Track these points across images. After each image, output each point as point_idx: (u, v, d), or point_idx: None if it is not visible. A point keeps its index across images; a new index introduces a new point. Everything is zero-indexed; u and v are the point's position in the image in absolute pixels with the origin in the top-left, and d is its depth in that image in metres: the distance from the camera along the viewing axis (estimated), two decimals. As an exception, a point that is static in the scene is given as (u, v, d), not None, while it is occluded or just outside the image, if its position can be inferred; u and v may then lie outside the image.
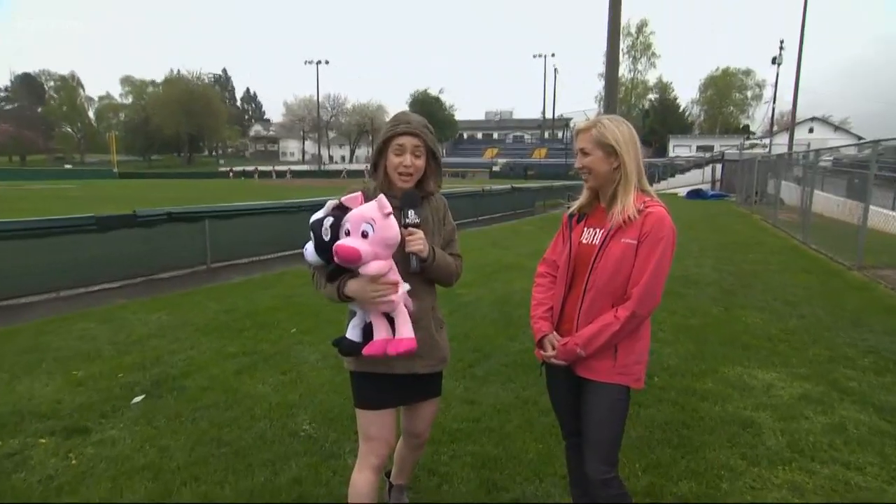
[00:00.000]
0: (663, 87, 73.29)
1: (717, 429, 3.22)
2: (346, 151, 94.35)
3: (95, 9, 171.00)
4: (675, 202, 23.33)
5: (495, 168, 60.88)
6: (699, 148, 56.54)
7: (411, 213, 1.86)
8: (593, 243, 1.94)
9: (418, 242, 1.84)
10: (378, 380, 1.96)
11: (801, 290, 6.84)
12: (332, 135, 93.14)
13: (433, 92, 78.91)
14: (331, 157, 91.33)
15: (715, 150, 47.23)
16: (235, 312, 5.71)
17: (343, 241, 1.73)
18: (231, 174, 57.23)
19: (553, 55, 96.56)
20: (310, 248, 1.84)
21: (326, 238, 1.77)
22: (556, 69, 78.08)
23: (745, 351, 4.57)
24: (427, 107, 66.90)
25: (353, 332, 1.91)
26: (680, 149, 58.21)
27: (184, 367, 4.16)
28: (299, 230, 9.86)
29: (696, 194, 28.30)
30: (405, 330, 1.85)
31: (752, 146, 40.39)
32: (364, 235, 1.72)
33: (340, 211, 1.82)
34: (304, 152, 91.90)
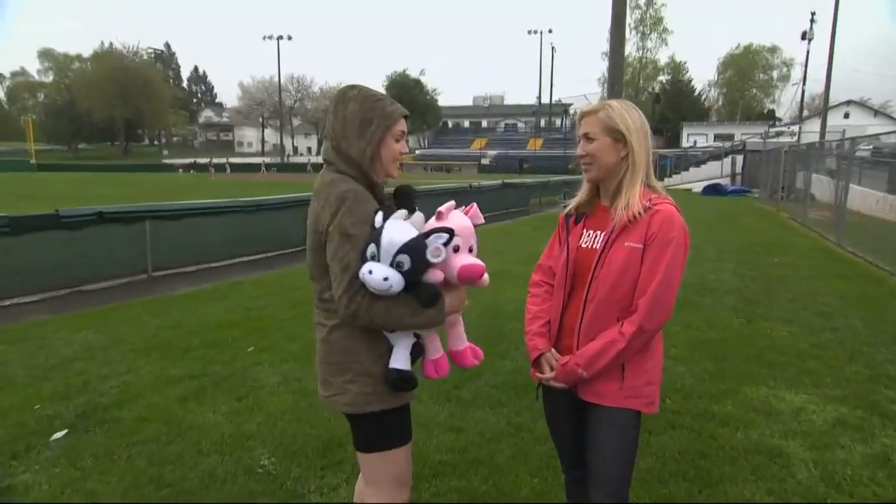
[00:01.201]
0: (676, 68, 74.27)
1: (740, 459, 3.23)
2: (312, 142, 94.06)
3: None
4: (689, 199, 23.59)
5: (484, 161, 61.20)
6: (717, 137, 57.30)
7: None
8: (594, 248, 1.93)
9: None
10: (403, 412, 1.95)
11: (834, 299, 6.93)
12: (296, 122, 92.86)
13: (413, 73, 79.10)
14: (295, 148, 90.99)
15: (735, 140, 47.88)
16: (181, 329, 5.65)
17: (471, 260, 1.78)
18: (181, 170, 56.63)
19: (550, 31, 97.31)
20: (395, 276, 1.67)
21: (438, 260, 1.71)
22: (553, 47, 78.30)
23: (770, 369, 4.61)
24: (406, 90, 67.06)
25: (405, 362, 1.84)
26: (695, 138, 58.97)
27: (117, 394, 4.08)
28: (258, 232, 9.68)
29: (713, 190, 28.66)
30: (465, 337, 1.98)
31: (779, 134, 41.00)
32: (470, 251, 1.81)
33: (439, 224, 1.79)
34: (263, 142, 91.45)
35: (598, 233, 1.94)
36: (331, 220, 1.74)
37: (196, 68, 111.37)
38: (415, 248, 1.68)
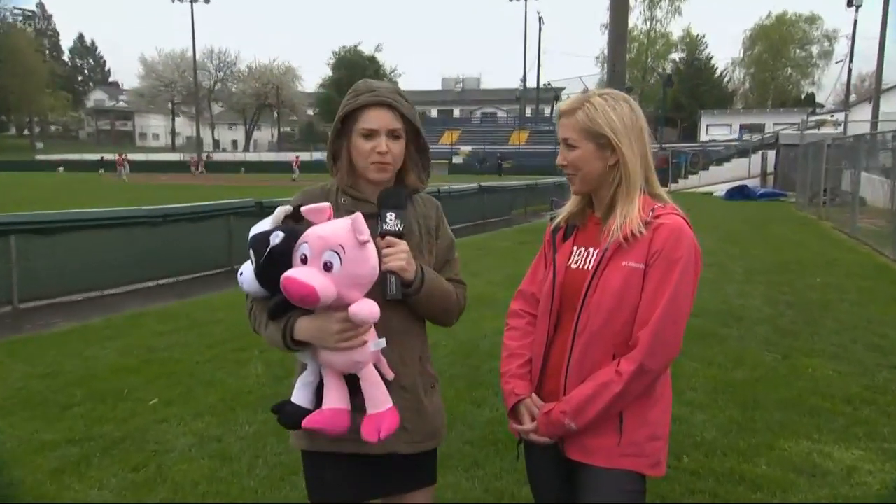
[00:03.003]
0: (692, 43, 76.05)
1: (778, 532, 3.26)
2: (238, 133, 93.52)
3: None
4: (709, 204, 24.04)
5: (456, 159, 61.54)
6: (744, 128, 58.63)
7: (391, 216, 1.94)
8: (585, 268, 1.96)
9: (400, 257, 1.90)
10: (342, 463, 2.00)
11: (893, 330, 7.05)
12: (217, 109, 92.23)
13: (367, 49, 79.53)
14: (216, 143, 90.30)
15: (766, 131, 49.03)
16: (58, 378, 5.50)
17: (295, 273, 1.75)
18: (61, 168, 55.43)
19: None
20: (248, 272, 1.91)
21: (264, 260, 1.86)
22: (540, 18, 79.07)
23: (812, 418, 4.66)
24: (358, 71, 67.27)
25: (301, 394, 1.97)
26: (716, 129, 60.24)
27: (-32, 466, 3.96)
28: (166, 250, 9.51)
29: (739, 193, 29.28)
30: (382, 398, 1.89)
31: (820, 124, 42.06)
32: (327, 268, 1.76)
33: (296, 223, 1.91)
34: (174, 133, 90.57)
35: (591, 250, 1.98)
36: None
37: (81, 37, 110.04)
38: (256, 243, 1.89)
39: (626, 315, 1.87)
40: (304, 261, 1.78)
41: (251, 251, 1.89)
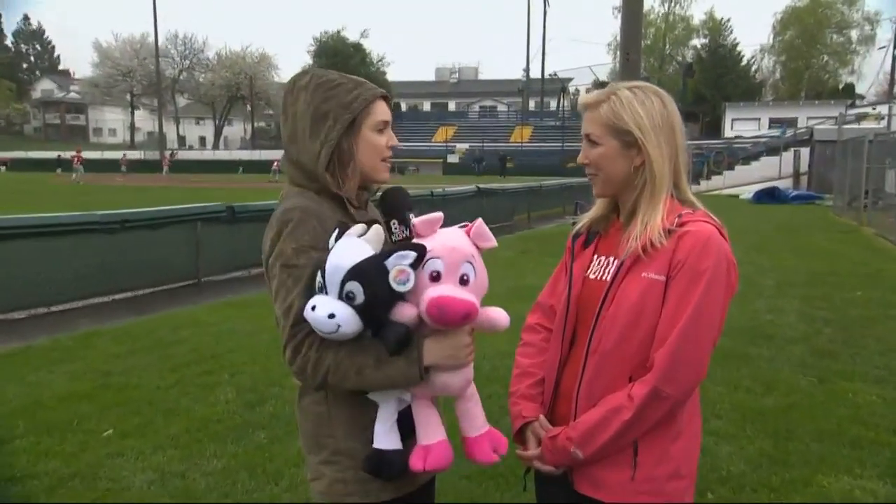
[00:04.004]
0: (716, 28, 76.30)
1: (815, 580, 3.25)
2: (207, 129, 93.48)
3: None
4: (735, 209, 24.09)
5: (452, 158, 61.68)
6: (774, 122, 58.80)
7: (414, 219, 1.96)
8: (603, 279, 1.96)
9: None
10: (415, 499, 2.04)
11: (943, 350, 7.05)
12: (182, 102, 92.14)
13: (351, 36, 79.73)
14: (182, 139, 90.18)
15: (799, 126, 49.20)
16: (-1, 406, 5.48)
17: (447, 292, 1.75)
18: (5, 167, 55.37)
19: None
20: (344, 310, 1.72)
21: (405, 288, 1.73)
22: (545, 0, 79.79)
23: (854, 450, 4.66)
24: (342, 59, 67.67)
25: (391, 437, 1.90)
26: (743, 124, 60.38)
27: None
28: (123, 261, 9.45)
29: (768, 195, 29.43)
30: (483, 418, 1.96)
31: (860, 118, 42.25)
32: (464, 282, 1.80)
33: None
34: (133, 128, 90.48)
35: (612, 259, 1.97)
36: (271, 249, 1.89)
37: (26, 19, 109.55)
38: (368, 271, 1.71)
39: (643, 332, 1.85)
40: (436, 277, 1.77)
41: (356, 283, 1.71)
